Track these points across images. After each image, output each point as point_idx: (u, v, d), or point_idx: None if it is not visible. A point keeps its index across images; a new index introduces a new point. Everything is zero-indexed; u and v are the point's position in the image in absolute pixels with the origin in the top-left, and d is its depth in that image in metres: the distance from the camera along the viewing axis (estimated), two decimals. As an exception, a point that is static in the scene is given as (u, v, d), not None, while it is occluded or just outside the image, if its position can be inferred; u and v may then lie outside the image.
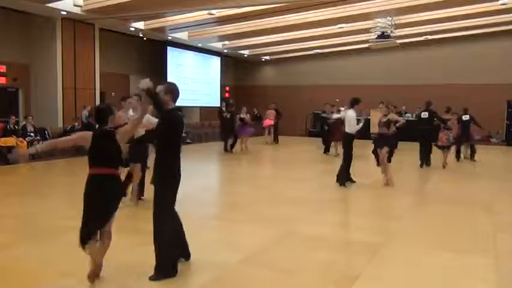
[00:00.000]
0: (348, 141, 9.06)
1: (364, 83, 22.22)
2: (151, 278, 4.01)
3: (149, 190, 7.27)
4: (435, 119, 11.94)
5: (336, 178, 9.07)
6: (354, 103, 8.96)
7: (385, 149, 8.93)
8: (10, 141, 12.08)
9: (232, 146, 15.24)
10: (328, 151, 14.51)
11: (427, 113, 12.04)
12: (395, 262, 4.74)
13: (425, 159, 12.07)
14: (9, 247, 4.99)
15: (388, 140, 9.07)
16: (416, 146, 12.35)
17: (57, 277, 4.14)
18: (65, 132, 14.21)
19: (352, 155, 9.01)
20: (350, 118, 8.97)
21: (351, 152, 8.99)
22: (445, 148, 11.98)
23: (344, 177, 8.97)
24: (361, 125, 9.11)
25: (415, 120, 13.75)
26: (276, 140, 18.72)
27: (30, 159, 12.41)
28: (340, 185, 8.88)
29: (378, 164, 9.33)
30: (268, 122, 18.51)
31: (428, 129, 11.99)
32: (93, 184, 3.77)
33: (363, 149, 11.98)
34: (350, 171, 9.17)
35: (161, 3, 13.30)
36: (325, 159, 13.54)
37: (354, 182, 9.21)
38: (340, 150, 12.27)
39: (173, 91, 4.16)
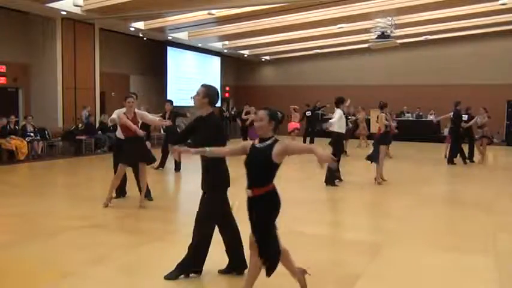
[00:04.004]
0: (338, 140, 9.12)
1: (364, 83, 22.21)
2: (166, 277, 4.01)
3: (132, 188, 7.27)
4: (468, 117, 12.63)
5: (324, 179, 8.90)
6: (338, 102, 9.06)
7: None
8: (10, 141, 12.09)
9: None
10: None
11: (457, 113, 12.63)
12: (396, 262, 4.74)
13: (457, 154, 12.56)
14: (9, 247, 4.99)
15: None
16: (420, 146, 12.33)
17: (57, 277, 4.14)
18: (67, 133, 14.20)
19: (340, 154, 9.14)
20: (338, 117, 8.98)
21: (340, 151, 9.14)
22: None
23: (333, 177, 8.87)
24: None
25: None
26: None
27: (30, 158, 12.43)
28: (332, 186, 8.80)
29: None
30: (293, 124, 16.50)
31: (452, 128, 12.58)
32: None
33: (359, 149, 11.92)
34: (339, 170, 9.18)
35: (161, 3, 13.29)
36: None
37: (342, 180, 9.23)
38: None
39: (211, 95, 4.24)
